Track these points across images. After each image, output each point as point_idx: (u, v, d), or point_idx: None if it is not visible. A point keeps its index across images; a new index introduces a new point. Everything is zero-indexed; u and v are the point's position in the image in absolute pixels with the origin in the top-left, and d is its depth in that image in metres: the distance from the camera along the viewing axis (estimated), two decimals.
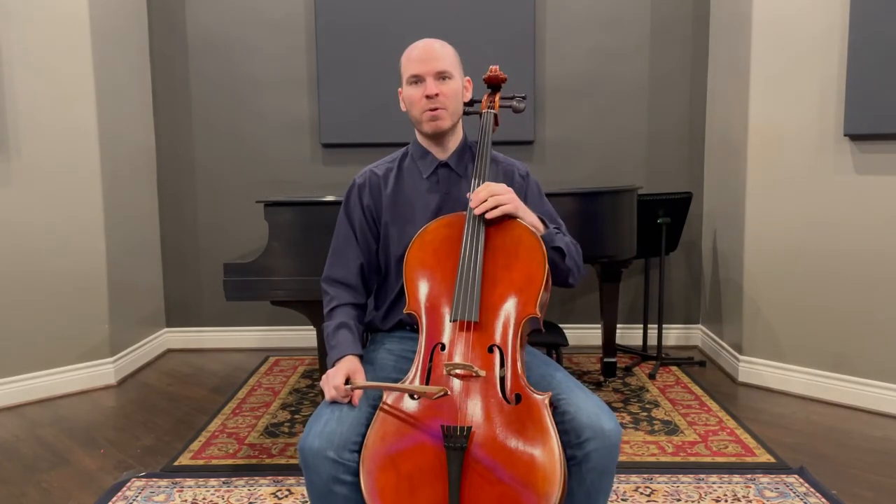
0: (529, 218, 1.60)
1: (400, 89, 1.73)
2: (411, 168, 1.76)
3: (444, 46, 1.69)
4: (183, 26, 3.91)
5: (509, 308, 1.49)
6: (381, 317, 1.78)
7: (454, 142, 1.75)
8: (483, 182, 1.62)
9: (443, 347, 1.46)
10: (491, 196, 1.54)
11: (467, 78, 1.78)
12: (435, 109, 1.66)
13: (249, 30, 3.90)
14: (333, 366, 1.56)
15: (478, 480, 1.32)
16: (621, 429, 1.44)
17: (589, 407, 1.43)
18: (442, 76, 1.65)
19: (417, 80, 1.66)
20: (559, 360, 2.85)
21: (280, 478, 2.38)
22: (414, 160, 1.76)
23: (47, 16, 3.18)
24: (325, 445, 1.38)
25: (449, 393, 1.40)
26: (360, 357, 1.60)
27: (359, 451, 1.40)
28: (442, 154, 1.74)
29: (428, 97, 1.64)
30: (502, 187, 1.57)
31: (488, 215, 1.54)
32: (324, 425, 1.41)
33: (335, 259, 1.76)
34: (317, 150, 3.98)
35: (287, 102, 3.94)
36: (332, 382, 1.49)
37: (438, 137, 1.72)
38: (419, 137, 1.76)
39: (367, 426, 1.42)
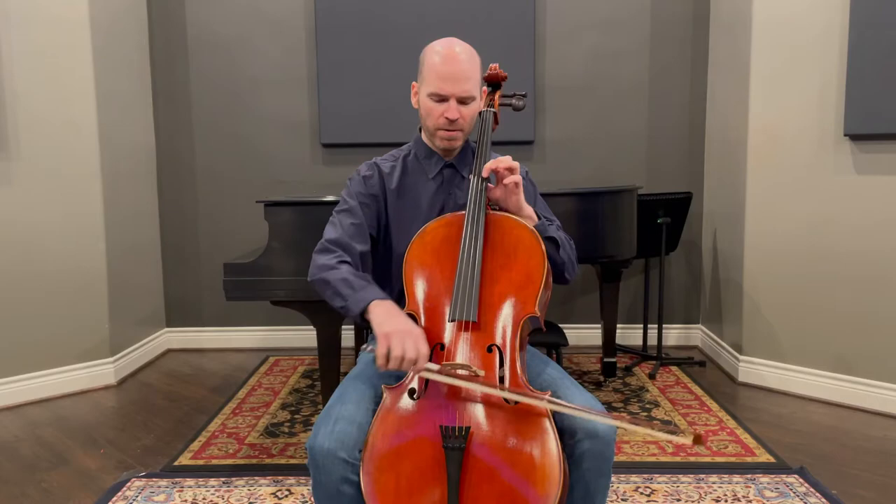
0: (526, 208, 1.61)
1: (414, 83, 1.71)
2: (416, 167, 1.76)
3: (471, 60, 1.64)
4: (183, 26, 3.91)
5: (508, 307, 1.49)
6: None
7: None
8: (482, 180, 1.62)
9: (442, 347, 1.46)
10: (508, 164, 1.55)
11: (484, 88, 1.77)
12: (452, 131, 1.65)
13: (249, 29, 3.90)
14: (365, 309, 1.47)
15: (477, 480, 1.32)
16: (615, 428, 1.43)
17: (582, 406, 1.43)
18: (466, 100, 1.63)
19: (441, 98, 1.63)
20: (559, 360, 2.85)
21: (280, 478, 2.38)
22: (418, 159, 1.76)
23: (47, 16, 3.18)
24: (336, 446, 1.36)
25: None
26: None
27: None
28: (447, 155, 1.75)
29: (448, 119, 1.63)
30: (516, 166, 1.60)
31: (506, 179, 1.55)
32: (334, 425, 1.39)
33: (331, 227, 1.70)
34: (317, 150, 3.97)
35: (287, 102, 3.94)
36: (410, 348, 1.35)
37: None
38: (425, 137, 1.76)
39: None
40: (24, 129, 3.15)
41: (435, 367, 1.38)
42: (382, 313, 1.46)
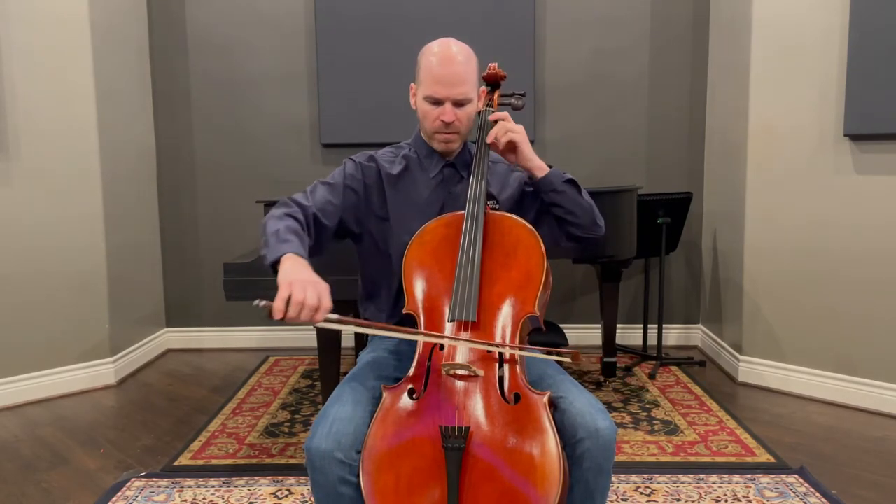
0: (536, 158, 1.66)
1: (413, 85, 1.71)
2: (416, 164, 1.76)
3: (468, 62, 1.64)
4: (183, 25, 3.91)
5: (508, 307, 1.49)
6: (385, 318, 1.77)
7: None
8: (482, 180, 1.62)
9: (441, 347, 1.46)
10: (505, 127, 1.61)
11: (482, 88, 1.77)
12: (449, 133, 1.66)
13: (249, 29, 3.90)
14: (278, 261, 1.41)
15: (477, 480, 1.32)
16: (616, 427, 1.43)
17: (583, 406, 1.42)
18: (462, 103, 1.64)
19: (436, 102, 1.63)
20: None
21: (280, 478, 2.38)
22: (419, 158, 1.76)
23: (47, 16, 3.18)
24: (332, 447, 1.36)
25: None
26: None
27: None
28: (447, 155, 1.75)
29: (444, 122, 1.64)
30: (518, 126, 1.64)
31: (503, 138, 1.62)
32: (330, 425, 1.39)
33: (302, 194, 1.69)
34: (317, 150, 3.98)
35: (287, 102, 3.94)
36: (312, 295, 1.31)
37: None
38: (424, 136, 1.76)
39: None
40: (24, 130, 3.15)
41: (335, 317, 1.33)
42: (291, 266, 1.40)
